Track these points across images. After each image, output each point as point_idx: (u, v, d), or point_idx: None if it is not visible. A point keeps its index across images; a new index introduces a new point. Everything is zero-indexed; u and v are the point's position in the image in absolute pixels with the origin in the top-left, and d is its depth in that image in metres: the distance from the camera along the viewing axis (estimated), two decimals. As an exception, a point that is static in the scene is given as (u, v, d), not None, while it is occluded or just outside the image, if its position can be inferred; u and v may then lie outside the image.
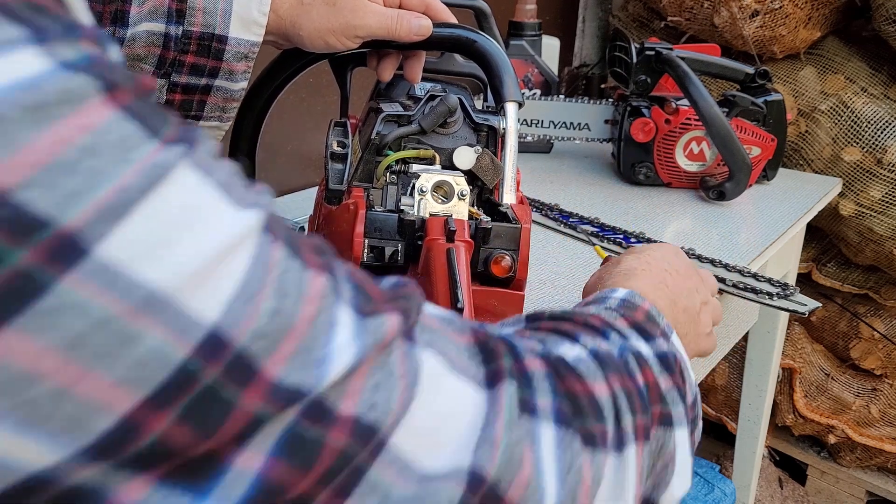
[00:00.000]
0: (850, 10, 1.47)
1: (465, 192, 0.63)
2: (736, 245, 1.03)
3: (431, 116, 0.65)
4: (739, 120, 1.20)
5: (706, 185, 1.19)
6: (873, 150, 1.40)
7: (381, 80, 0.74)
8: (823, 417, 1.67)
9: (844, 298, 1.64)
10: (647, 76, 1.22)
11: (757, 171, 1.23)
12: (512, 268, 0.64)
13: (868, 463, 1.70)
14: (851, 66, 1.47)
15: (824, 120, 1.45)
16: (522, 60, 1.39)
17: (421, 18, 0.67)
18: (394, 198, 0.65)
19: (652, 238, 1.00)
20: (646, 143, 1.22)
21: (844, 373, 1.67)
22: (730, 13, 1.43)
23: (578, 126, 1.32)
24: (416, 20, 0.67)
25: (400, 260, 0.62)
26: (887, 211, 1.40)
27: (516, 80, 0.66)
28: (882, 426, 1.64)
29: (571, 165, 1.38)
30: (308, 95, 1.24)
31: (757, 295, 0.87)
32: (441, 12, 0.71)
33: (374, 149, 0.65)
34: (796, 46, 1.48)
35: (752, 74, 1.24)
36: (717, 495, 1.43)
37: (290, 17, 0.66)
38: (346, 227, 0.62)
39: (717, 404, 1.78)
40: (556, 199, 1.15)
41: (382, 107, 0.67)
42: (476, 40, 0.66)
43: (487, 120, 0.67)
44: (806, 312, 0.86)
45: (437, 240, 0.59)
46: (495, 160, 0.65)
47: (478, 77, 0.82)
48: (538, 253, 0.97)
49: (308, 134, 1.27)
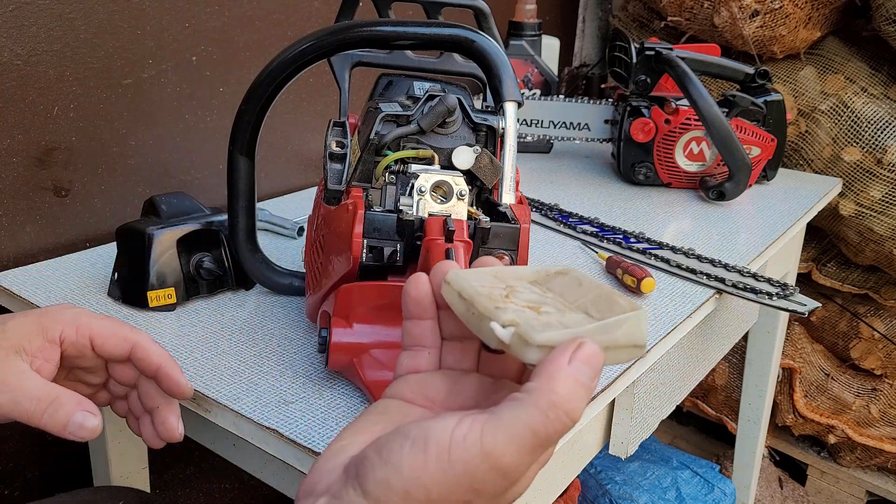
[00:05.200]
0: (850, 10, 1.47)
1: (464, 192, 0.63)
2: (736, 245, 1.03)
3: (430, 116, 0.65)
4: (739, 120, 1.20)
5: (706, 185, 1.19)
6: (873, 150, 1.40)
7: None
8: (823, 417, 1.67)
9: (844, 298, 1.64)
10: (646, 76, 1.22)
11: (757, 171, 1.23)
12: (511, 268, 0.64)
13: (868, 463, 1.70)
14: (851, 66, 1.47)
15: (824, 120, 1.45)
16: (522, 60, 1.39)
17: (88, 415, 0.50)
18: (393, 198, 0.65)
19: (652, 238, 1.00)
20: (646, 143, 1.22)
21: (844, 373, 1.67)
22: (730, 13, 1.42)
23: (578, 126, 1.32)
24: (80, 413, 0.49)
25: (399, 260, 0.62)
26: (887, 211, 1.40)
27: (515, 80, 0.66)
28: (882, 426, 1.64)
29: (571, 165, 1.38)
30: (308, 95, 1.24)
31: (757, 295, 0.87)
32: (151, 354, 0.55)
33: (372, 149, 0.65)
34: (796, 46, 1.48)
35: (752, 74, 1.24)
36: (717, 495, 1.43)
37: None
38: (345, 227, 0.63)
39: (717, 404, 1.78)
40: (555, 199, 1.15)
41: (381, 106, 0.67)
42: (475, 40, 0.66)
43: (486, 120, 0.67)
44: (806, 312, 0.86)
45: (436, 240, 0.59)
46: (494, 160, 0.65)
47: (477, 77, 0.82)
48: (538, 253, 0.97)
49: (308, 134, 1.27)
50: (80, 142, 0.96)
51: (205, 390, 0.66)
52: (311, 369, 0.70)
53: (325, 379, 0.68)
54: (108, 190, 1.00)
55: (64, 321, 0.52)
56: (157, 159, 1.06)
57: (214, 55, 1.09)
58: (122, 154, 1.01)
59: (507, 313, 0.38)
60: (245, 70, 1.13)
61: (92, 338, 0.54)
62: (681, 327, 0.82)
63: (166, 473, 1.17)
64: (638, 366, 0.74)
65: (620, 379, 0.71)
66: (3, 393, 0.49)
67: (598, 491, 1.41)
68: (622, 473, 1.44)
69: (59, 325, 0.52)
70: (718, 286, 0.89)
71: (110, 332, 0.54)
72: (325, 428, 0.61)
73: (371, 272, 0.63)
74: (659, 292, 0.87)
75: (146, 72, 1.01)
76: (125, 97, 1.00)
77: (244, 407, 0.64)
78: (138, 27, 0.99)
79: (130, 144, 1.02)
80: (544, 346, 0.36)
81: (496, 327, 0.37)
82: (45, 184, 0.94)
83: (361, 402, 0.65)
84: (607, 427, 0.82)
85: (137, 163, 1.03)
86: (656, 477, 1.44)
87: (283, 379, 0.68)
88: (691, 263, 0.94)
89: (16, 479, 1.01)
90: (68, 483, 1.06)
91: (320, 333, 0.64)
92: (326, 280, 0.66)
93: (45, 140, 0.93)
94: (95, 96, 0.97)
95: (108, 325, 0.55)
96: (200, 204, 0.86)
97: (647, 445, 1.53)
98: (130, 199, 1.03)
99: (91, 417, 0.50)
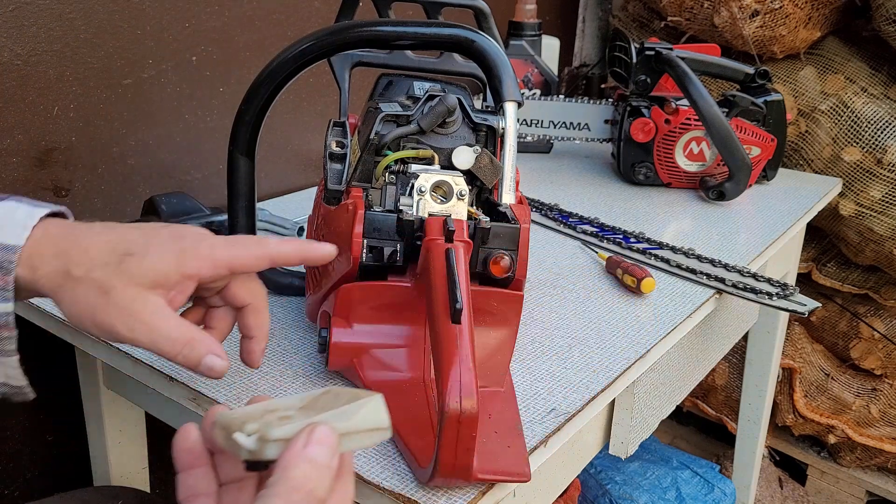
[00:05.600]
0: (850, 10, 1.47)
1: (463, 191, 0.63)
2: (736, 245, 1.03)
3: (430, 116, 0.65)
4: (739, 120, 1.20)
5: (706, 185, 1.19)
6: (873, 150, 1.40)
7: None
8: (823, 417, 1.67)
9: (844, 298, 1.64)
10: (647, 76, 1.22)
11: (757, 171, 1.23)
12: (511, 268, 0.64)
13: (868, 463, 1.70)
14: (851, 66, 1.47)
15: (824, 120, 1.45)
16: (522, 60, 1.39)
17: (216, 358, 0.53)
18: (393, 198, 0.65)
19: (652, 238, 1.00)
20: (646, 143, 1.22)
21: (844, 373, 1.67)
22: (730, 13, 1.42)
23: (578, 126, 1.32)
24: (210, 357, 0.53)
25: (399, 260, 0.62)
26: (887, 211, 1.40)
27: (515, 80, 0.66)
28: (882, 426, 1.64)
29: (571, 165, 1.38)
30: (308, 95, 1.24)
31: (757, 295, 0.87)
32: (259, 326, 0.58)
33: (372, 149, 0.65)
34: (796, 46, 1.48)
35: (752, 74, 1.24)
36: (717, 495, 1.43)
37: (50, 284, 0.51)
38: (345, 227, 0.62)
39: (717, 404, 1.78)
40: (555, 199, 1.15)
41: (381, 107, 0.67)
42: (475, 40, 0.66)
43: (486, 120, 0.67)
44: (806, 312, 0.86)
45: (436, 240, 0.59)
46: (494, 160, 0.65)
47: (477, 77, 0.82)
48: (538, 253, 0.97)
49: (308, 134, 1.27)
50: (79, 142, 0.96)
51: (205, 390, 0.66)
52: (311, 369, 0.70)
53: (325, 379, 0.68)
54: (108, 190, 1.00)
55: (201, 257, 0.53)
56: (157, 159, 1.06)
57: (214, 55, 1.09)
58: (122, 154, 1.01)
59: (252, 425, 0.40)
60: (245, 70, 1.13)
61: (231, 269, 0.55)
62: (681, 327, 0.82)
63: (166, 473, 1.17)
64: (638, 366, 0.74)
65: (620, 379, 0.71)
66: (141, 332, 0.51)
67: (598, 491, 1.41)
68: (622, 473, 1.44)
69: (197, 261, 0.53)
70: (718, 286, 0.89)
71: (249, 257, 0.55)
72: (325, 428, 0.61)
73: (371, 272, 0.63)
74: (659, 292, 0.87)
75: (146, 72, 1.01)
76: (125, 97, 1.00)
77: (244, 407, 0.64)
78: (138, 27, 0.99)
79: (130, 144, 1.02)
80: (281, 439, 0.39)
81: (240, 437, 0.40)
82: (45, 184, 0.94)
83: (361, 402, 0.65)
84: (607, 427, 0.82)
85: (137, 163, 1.03)
86: (656, 477, 1.44)
87: (283, 379, 0.68)
88: (691, 263, 0.94)
89: (16, 479, 1.01)
90: (68, 483, 1.06)
91: (320, 333, 0.64)
92: (326, 280, 0.66)
93: (45, 140, 0.93)
94: (95, 96, 0.97)
95: (243, 252, 0.55)
96: (200, 204, 0.86)
97: (647, 445, 1.53)
98: (130, 199, 1.03)
99: (219, 361, 0.53)
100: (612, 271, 0.91)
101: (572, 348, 0.75)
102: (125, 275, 0.51)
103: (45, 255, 0.51)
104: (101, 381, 0.85)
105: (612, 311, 0.83)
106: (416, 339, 0.63)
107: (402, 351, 0.63)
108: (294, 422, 0.40)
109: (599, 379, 0.70)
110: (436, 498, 0.54)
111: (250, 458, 0.40)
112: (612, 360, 0.73)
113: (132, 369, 0.72)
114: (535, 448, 0.60)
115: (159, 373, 0.69)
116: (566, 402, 0.66)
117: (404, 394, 0.61)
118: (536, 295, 0.86)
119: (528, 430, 0.62)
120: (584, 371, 0.71)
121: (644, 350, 0.75)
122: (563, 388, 0.68)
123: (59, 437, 1.04)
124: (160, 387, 0.70)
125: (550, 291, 0.87)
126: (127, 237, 0.53)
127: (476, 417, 0.49)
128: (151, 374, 0.70)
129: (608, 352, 0.75)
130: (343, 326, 0.63)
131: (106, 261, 0.51)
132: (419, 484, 0.55)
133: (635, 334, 0.78)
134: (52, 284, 0.52)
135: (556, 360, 0.73)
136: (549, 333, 0.78)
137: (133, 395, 0.84)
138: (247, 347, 0.58)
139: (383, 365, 0.63)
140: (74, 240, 0.52)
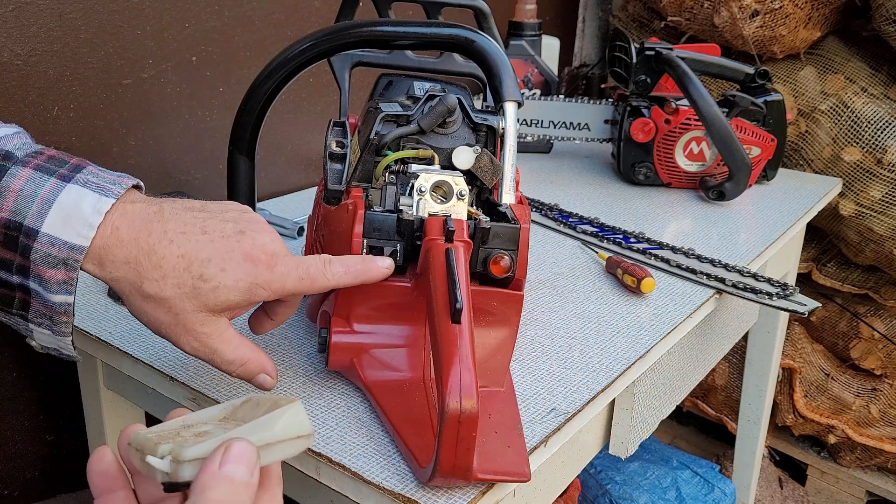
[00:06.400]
0: (850, 10, 1.47)
1: (463, 191, 0.63)
2: (736, 245, 1.03)
3: (430, 116, 0.65)
4: (739, 120, 1.20)
5: (706, 185, 1.19)
6: (873, 150, 1.40)
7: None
8: (823, 417, 1.67)
9: (844, 298, 1.64)
10: (646, 76, 1.22)
11: (757, 171, 1.23)
12: (511, 268, 0.64)
13: (868, 463, 1.70)
14: (851, 66, 1.47)
15: (824, 120, 1.45)
16: (522, 60, 1.39)
17: (266, 377, 0.59)
18: (392, 198, 0.65)
19: (652, 238, 1.00)
20: (646, 143, 1.22)
21: (844, 373, 1.67)
22: (730, 13, 1.42)
23: (578, 126, 1.32)
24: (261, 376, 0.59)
25: (399, 260, 0.62)
26: (887, 211, 1.40)
27: (515, 80, 0.66)
28: (882, 426, 1.64)
29: (571, 165, 1.38)
30: (308, 95, 1.24)
31: (757, 295, 0.87)
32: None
33: (372, 149, 0.65)
34: (796, 46, 1.48)
35: (752, 74, 1.24)
36: (717, 495, 1.43)
37: (118, 287, 0.54)
38: (345, 227, 0.62)
39: (717, 404, 1.78)
40: (555, 199, 1.15)
41: (381, 106, 0.67)
42: (475, 40, 0.66)
43: (486, 120, 0.67)
44: (806, 312, 0.86)
45: (436, 240, 0.59)
46: (494, 160, 0.65)
47: (477, 77, 0.82)
48: (538, 253, 0.97)
49: (308, 134, 1.27)
50: (79, 142, 0.96)
51: (205, 390, 0.66)
52: (311, 369, 0.70)
53: (325, 379, 0.68)
54: (108, 190, 1.00)
55: (271, 290, 0.56)
56: (157, 159, 1.06)
57: (214, 55, 1.09)
58: (122, 154, 1.01)
59: (165, 445, 0.38)
60: (245, 70, 1.13)
61: (284, 297, 0.59)
62: (681, 327, 0.82)
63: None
64: (638, 366, 0.74)
65: (620, 379, 0.71)
66: (203, 353, 0.56)
67: (598, 491, 1.41)
68: (622, 473, 1.44)
69: (266, 293, 0.56)
70: (718, 286, 0.89)
71: (311, 290, 0.58)
72: (324, 428, 0.61)
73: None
74: (659, 292, 0.87)
75: (146, 72, 1.01)
76: (125, 97, 1.00)
77: (244, 407, 0.64)
78: (138, 27, 0.99)
79: (130, 144, 1.02)
80: (195, 459, 0.37)
81: (152, 460, 0.38)
82: (45, 184, 0.94)
83: (361, 402, 0.65)
84: (607, 427, 0.82)
85: (137, 163, 1.03)
86: (656, 477, 1.44)
87: (284, 379, 0.68)
88: (691, 263, 0.94)
89: (16, 479, 1.01)
90: (68, 483, 1.06)
91: (320, 333, 0.64)
92: (326, 280, 0.66)
93: (45, 140, 0.93)
94: (95, 96, 0.97)
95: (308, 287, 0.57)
96: (200, 204, 0.86)
97: (647, 445, 1.53)
98: (130, 199, 1.03)
99: (269, 380, 0.60)
100: (612, 271, 0.91)
101: (572, 348, 0.75)
102: (197, 300, 0.53)
103: (115, 260, 0.52)
104: (101, 381, 0.85)
105: (611, 311, 0.83)
106: (416, 339, 0.63)
107: (402, 351, 0.63)
108: (210, 438, 0.38)
109: (599, 379, 0.70)
110: (436, 498, 0.54)
111: (167, 481, 0.38)
112: (612, 359, 0.73)
113: (132, 369, 0.72)
114: (535, 448, 0.60)
115: (159, 373, 0.69)
116: (566, 402, 0.66)
117: (404, 394, 0.61)
118: (536, 295, 0.86)
119: (528, 430, 0.62)
120: (584, 371, 0.71)
121: (644, 350, 0.75)
122: (563, 388, 0.68)
123: (59, 437, 1.04)
124: (160, 387, 0.70)
125: (550, 291, 0.87)
126: (201, 255, 0.53)
127: (476, 417, 0.49)
128: (151, 374, 0.70)
129: (608, 352, 0.75)
130: (343, 326, 0.63)
131: (179, 282, 0.53)
132: (419, 484, 0.55)
133: (635, 334, 0.78)
134: (121, 289, 0.54)
135: (556, 360, 0.73)
136: (548, 333, 0.78)
137: (133, 395, 0.84)
138: (261, 321, 0.62)
139: (383, 365, 0.63)
140: (147, 248, 0.52)
